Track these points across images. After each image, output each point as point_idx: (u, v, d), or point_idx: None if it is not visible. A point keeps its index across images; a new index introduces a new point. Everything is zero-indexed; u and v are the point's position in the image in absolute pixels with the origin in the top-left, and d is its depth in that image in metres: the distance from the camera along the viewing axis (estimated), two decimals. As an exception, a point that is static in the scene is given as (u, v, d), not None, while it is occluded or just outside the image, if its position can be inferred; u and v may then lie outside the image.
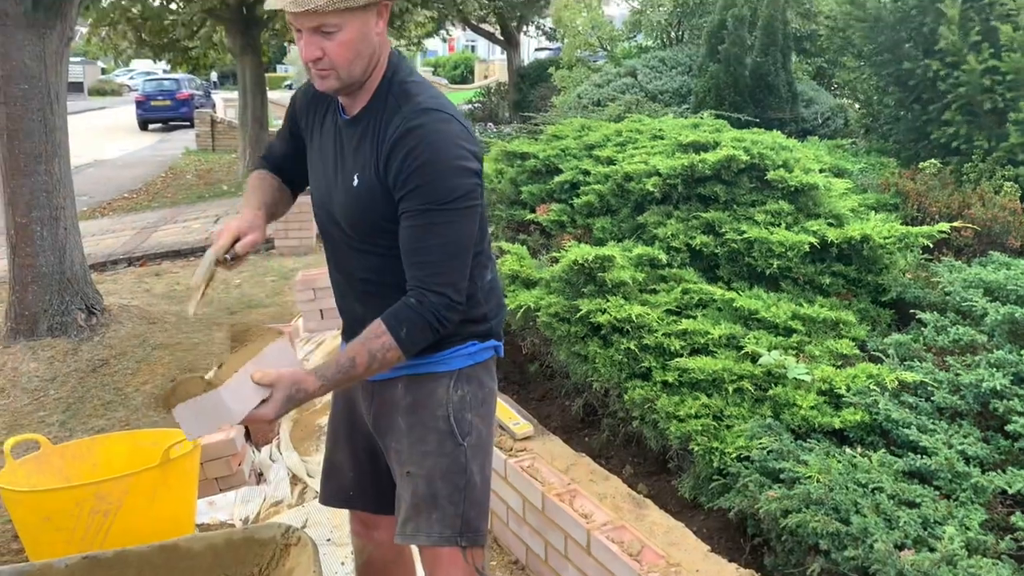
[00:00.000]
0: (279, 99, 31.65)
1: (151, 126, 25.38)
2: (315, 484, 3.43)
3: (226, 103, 26.48)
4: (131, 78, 40.89)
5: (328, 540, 3.01)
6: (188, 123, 23.60)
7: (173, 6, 13.09)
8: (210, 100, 27.67)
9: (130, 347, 5.30)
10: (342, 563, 2.86)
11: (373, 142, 1.69)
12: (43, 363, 4.99)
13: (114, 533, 2.65)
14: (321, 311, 5.47)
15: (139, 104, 25.41)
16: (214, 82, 39.36)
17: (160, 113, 25.36)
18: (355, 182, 1.71)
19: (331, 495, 2.09)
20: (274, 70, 43.27)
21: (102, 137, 22.17)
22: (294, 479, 3.53)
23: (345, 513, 3.16)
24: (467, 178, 1.66)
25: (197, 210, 11.58)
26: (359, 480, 2.03)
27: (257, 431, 3.79)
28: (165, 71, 25.93)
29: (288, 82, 42.92)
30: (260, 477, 3.59)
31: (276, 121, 23.00)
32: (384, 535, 2.06)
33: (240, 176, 14.09)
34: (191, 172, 15.77)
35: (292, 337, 4.63)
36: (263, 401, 1.60)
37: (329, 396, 2.10)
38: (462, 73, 38.28)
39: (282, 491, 3.42)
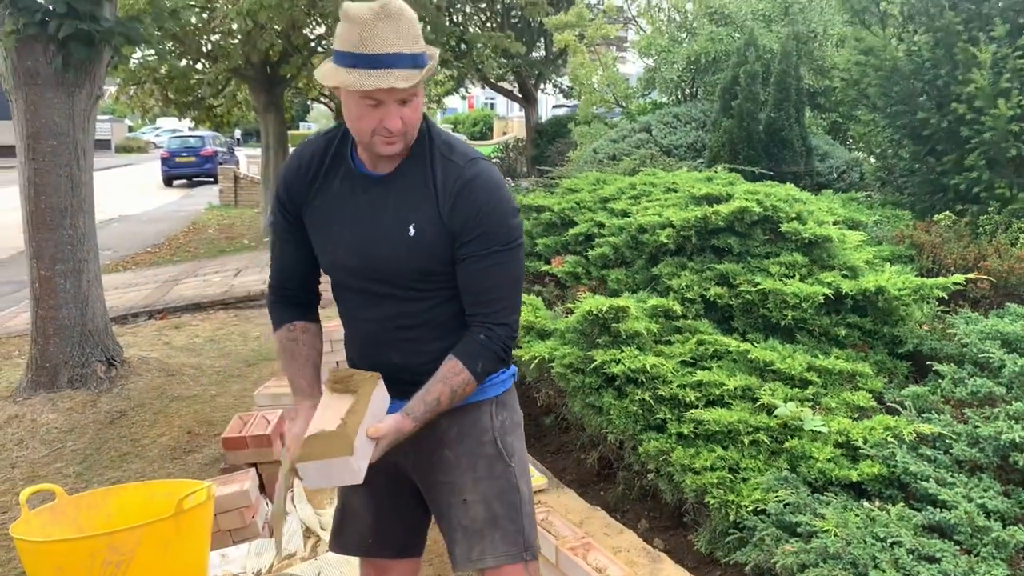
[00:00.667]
0: (301, 155, 32.23)
1: (176, 182, 25.82)
2: (328, 537, 3.41)
3: (249, 160, 26.98)
4: (157, 135, 41.84)
5: (340, 594, 2.98)
6: (212, 179, 23.98)
7: (199, 66, 13.45)
8: (234, 157, 28.18)
9: (148, 399, 5.33)
10: (354, 617, 2.83)
11: (428, 192, 1.76)
12: (62, 414, 5.03)
13: (126, 584, 2.63)
14: (338, 363, 5.50)
15: (164, 161, 25.90)
16: (238, 139, 40.19)
17: (185, 169, 25.81)
18: (411, 232, 1.76)
19: (347, 543, 2.07)
20: (297, 127, 44.09)
21: (128, 193, 22.59)
22: (307, 532, 3.50)
23: (357, 566, 3.14)
24: (518, 218, 1.81)
25: (217, 264, 11.72)
26: (378, 526, 2.02)
27: (271, 483, 3.78)
28: (190, 128, 26.48)
29: (310, 139, 43.69)
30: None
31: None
32: None
33: (262, 231, 14.27)
34: (213, 227, 16.00)
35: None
36: None
37: None
38: (481, 130, 38.84)
39: (295, 544, 3.40)
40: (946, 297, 3.52)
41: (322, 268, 1.92)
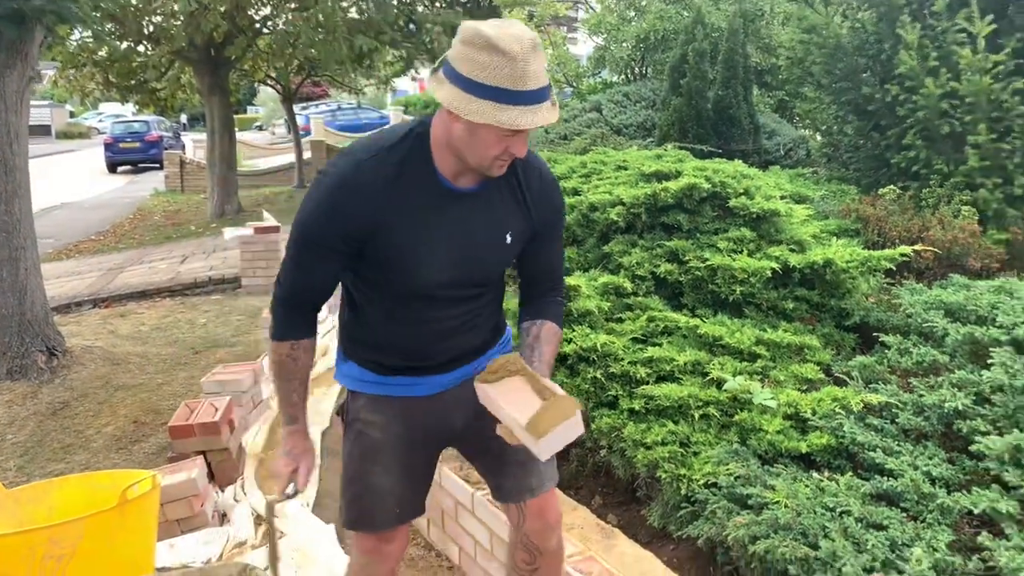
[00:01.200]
0: (250, 139, 31.61)
1: (120, 168, 25.18)
2: (279, 524, 3.36)
3: (196, 144, 26.41)
4: (100, 121, 40.72)
5: (292, 581, 2.94)
6: (158, 165, 23.43)
7: (141, 48, 13.08)
8: (180, 142, 27.56)
9: (92, 389, 5.19)
10: (306, 604, 2.79)
11: (518, 199, 1.86)
12: (1, 407, 4.87)
13: (69, 579, 2.56)
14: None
15: (108, 146, 25.23)
16: (184, 124, 39.29)
17: (129, 155, 25.17)
18: (508, 239, 1.86)
19: (377, 521, 2.06)
20: (244, 111, 43.27)
21: (70, 180, 21.98)
22: (258, 519, 3.45)
23: (312, 554, 3.10)
24: None
25: (163, 251, 11.47)
26: (411, 496, 2.06)
27: (220, 471, 3.71)
28: (134, 113, 25.82)
29: (258, 123, 42.90)
30: (224, 518, 3.51)
31: (246, 162, 22.91)
32: (396, 547, 2.09)
33: (208, 216, 13.99)
34: (159, 213, 15.65)
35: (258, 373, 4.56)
36: None
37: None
38: (433, 112, 38.41)
39: (246, 531, 3.34)
40: (893, 268, 3.57)
41: (394, 286, 1.85)
